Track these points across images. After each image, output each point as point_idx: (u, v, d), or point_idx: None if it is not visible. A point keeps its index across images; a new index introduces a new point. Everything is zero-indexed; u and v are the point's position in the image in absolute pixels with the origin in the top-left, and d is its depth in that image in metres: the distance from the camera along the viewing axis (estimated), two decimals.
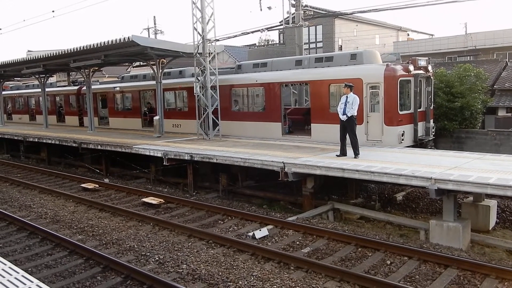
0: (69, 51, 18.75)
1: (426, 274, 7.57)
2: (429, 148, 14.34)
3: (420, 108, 14.36)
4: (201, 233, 9.84)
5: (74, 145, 18.71)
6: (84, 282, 7.56)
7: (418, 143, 14.17)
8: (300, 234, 9.73)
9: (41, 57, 20.83)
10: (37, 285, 4.46)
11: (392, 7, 16.94)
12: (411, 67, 13.75)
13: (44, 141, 20.82)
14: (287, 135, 16.48)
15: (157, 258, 8.42)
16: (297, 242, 9.32)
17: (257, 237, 9.51)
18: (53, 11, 43.49)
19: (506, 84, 22.24)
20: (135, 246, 9.16)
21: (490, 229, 10.68)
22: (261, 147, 14.27)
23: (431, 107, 15.13)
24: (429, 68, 14.82)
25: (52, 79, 30.77)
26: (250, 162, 12.39)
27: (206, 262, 8.18)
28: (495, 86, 22.35)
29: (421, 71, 14.21)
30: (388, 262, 8.13)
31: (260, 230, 9.84)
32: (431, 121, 14.97)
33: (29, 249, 9.25)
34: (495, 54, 31.05)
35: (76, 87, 27.40)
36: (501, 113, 21.29)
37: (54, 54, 19.92)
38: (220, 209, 11.81)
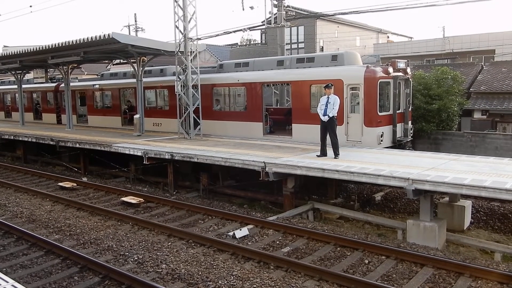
0: (47, 47, 18.38)
1: (403, 273, 7.71)
2: (407, 149, 14.58)
3: (399, 109, 14.59)
4: (181, 232, 9.79)
5: (51, 143, 18.36)
6: (61, 283, 7.44)
7: (397, 144, 14.40)
8: (280, 234, 9.78)
9: (18, 52, 20.35)
10: (12, 285, 4.37)
11: (372, 9, 17.17)
12: (390, 69, 13.96)
13: (20, 138, 20.36)
14: (268, 135, 16.53)
15: (136, 258, 8.34)
16: (277, 242, 9.37)
17: (237, 237, 9.52)
18: (30, 6, 42.56)
19: (481, 87, 22.79)
20: (114, 245, 9.06)
21: (465, 228, 10.94)
22: (242, 147, 14.28)
23: (410, 109, 15.39)
24: (408, 70, 15.06)
25: (29, 76, 30.13)
26: (231, 162, 12.39)
27: (185, 261, 8.15)
28: (471, 89, 22.86)
29: (400, 73, 14.43)
30: (366, 261, 8.24)
31: (240, 229, 9.85)
32: (410, 122, 15.23)
33: (4, 249, 9.03)
34: (471, 58, 31.75)
35: (54, 84, 26.90)
36: (477, 115, 21.79)
37: (32, 50, 19.49)
38: (201, 209, 11.77)
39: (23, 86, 26.67)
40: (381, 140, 13.76)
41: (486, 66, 25.36)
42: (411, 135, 15.36)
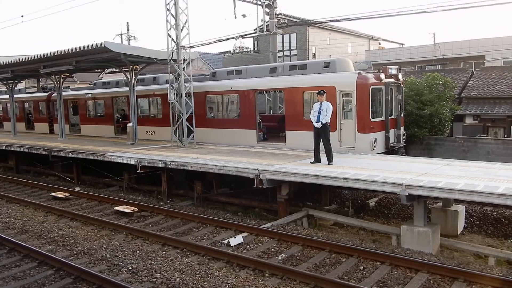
0: (39, 57, 18.33)
1: (397, 279, 7.72)
2: (400, 155, 14.67)
3: (391, 115, 14.69)
4: (175, 241, 9.74)
5: (44, 153, 18.24)
6: None
7: (390, 150, 14.47)
8: (275, 241, 9.76)
9: (10, 62, 20.26)
10: None
11: (364, 16, 17.36)
12: (382, 76, 14.08)
13: (12, 148, 20.20)
14: (262, 142, 16.55)
15: (130, 268, 8.28)
16: (272, 249, 9.35)
17: (232, 245, 9.48)
18: (22, 16, 42.48)
19: (472, 93, 23.02)
20: (108, 255, 8.99)
21: (458, 233, 11.00)
22: (236, 154, 14.28)
23: (402, 115, 15.50)
24: (400, 76, 15.18)
25: (20, 85, 29.99)
26: (225, 169, 12.38)
27: (180, 270, 8.10)
28: (462, 95, 23.09)
29: (392, 80, 14.55)
30: (361, 267, 8.25)
31: (235, 237, 9.82)
32: (402, 128, 15.33)
33: None
34: (462, 63, 32.12)
35: (46, 94, 26.80)
36: (468, 120, 22.01)
37: (23, 60, 19.42)
38: (195, 217, 11.73)
39: (15, 95, 26.52)
40: (374, 146, 13.83)
41: (476, 72, 25.65)
42: (404, 140, 15.46)
